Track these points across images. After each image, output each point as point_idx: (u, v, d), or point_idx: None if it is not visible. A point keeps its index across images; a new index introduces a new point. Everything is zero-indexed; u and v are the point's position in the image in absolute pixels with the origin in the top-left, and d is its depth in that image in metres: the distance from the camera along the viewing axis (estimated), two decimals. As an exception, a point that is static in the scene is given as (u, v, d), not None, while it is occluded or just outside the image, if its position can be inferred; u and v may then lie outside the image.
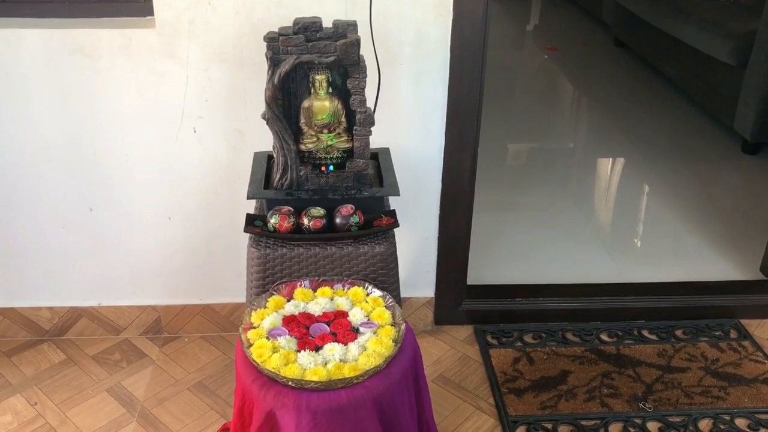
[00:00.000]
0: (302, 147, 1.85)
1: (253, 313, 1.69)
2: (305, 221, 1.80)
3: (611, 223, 3.28)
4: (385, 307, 1.69)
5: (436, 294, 2.41)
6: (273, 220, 1.81)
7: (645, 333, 2.42)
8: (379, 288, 1.75)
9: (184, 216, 2.24)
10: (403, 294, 2.20)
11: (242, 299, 2.36)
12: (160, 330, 2.42)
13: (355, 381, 1.50)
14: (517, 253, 2.88)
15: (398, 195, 1.82)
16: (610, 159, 3.94)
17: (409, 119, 2.13)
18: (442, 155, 2.18)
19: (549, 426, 2.03)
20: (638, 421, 2.04)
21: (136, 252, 2.29)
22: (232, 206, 2.20)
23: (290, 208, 1.82)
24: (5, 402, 2.14)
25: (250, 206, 2.00)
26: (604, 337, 2.40)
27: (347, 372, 1.50)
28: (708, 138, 4.05)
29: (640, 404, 2.10)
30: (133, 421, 2.07)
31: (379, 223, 1.82)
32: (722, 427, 2.03)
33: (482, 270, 2.60)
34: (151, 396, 2.17)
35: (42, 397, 2.16)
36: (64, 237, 2.25)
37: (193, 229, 2.26)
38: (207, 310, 2.40)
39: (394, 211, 1.86)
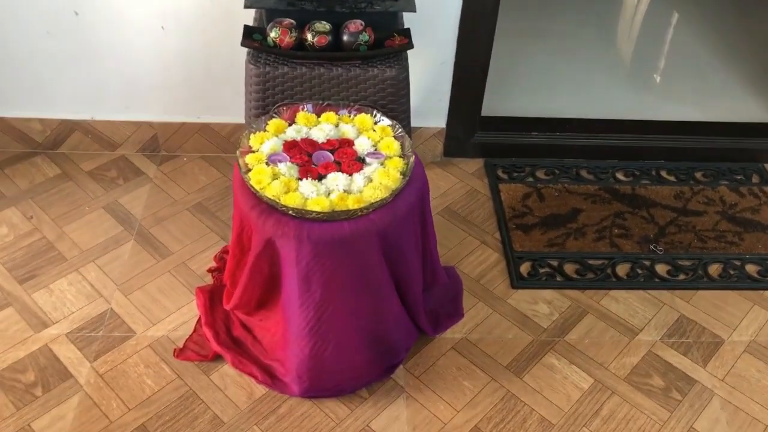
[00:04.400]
0: (308, -50, 1.63)
1: (252, 136, 1.57)
2: (309, 37, 1.63)
3: (636, 55, 3.05)
4: (394, 137, 1.58)
5: (447, 124, 2.27)
6: (273, 34, 1.63)
7: (663, 174, 2.31)
8: (388, 116, 1.62)
9: (179, 25, 2.05)
10: (413, 123, 2.07)
11: (242, 119, 2.23)
12: (157, 148, 2.32)
13: (359, 213, 1.42)
14: (536, 84, 2.70)
15: (414, 11, 1.63)
16: (643, -17, 3.62)
17: (430, -77, 1.87)
18: (465, -32, 1.94)
19: (555, 263, 1.99)
20: (647, 262, 2.00)
21: (128, 63, 2.13)
22: (229, 15, 2.00)
23: (292, 20, 1.64)
24: (0, 214, 2.09)
25: (249, 16, 1.81)
26: (620, 176, 2.30)
27: (351, 204, 1.42)
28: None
29: (651, 246, 2.05)
30: (131, 239, 2.03)
31: (391, 43, 1.65)
32: (732, 272, 1.99)
33: (497, 101, 2.44)
34: (150, 215, 2.11)
35: (37, 211, 2.10)
36: (48, 44, 2.08)
37: (189, 41, 2.08)
38: (206, 130, 2.28)
39: (408, 30, 1.67)
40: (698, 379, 1.74)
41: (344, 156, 1.52)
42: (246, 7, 1.63)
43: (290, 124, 1.61)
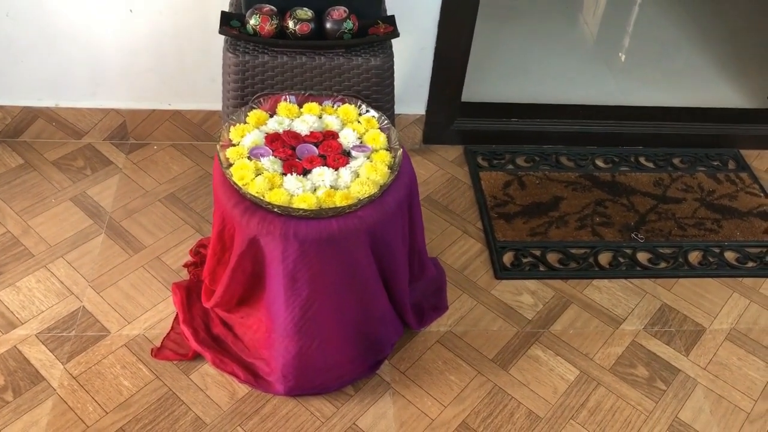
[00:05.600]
0: (288, -68, 1.56)
1: (232, 128, 1.51)
2: (290, 24, 1.56)
3: (615, 39, 3.03)
4: (380, 129, 1.53)
5: (427, 111, 2.22)
6: (253, 21, 1.56)
7: (642, 160, 2.31)
8: (372, 106, 1.57)
9: (148, 8, 1.95)
10: (393, 109, 2.02)
11: (215, 106, 2.16)
12: (125, 136, 2.23)
13: (347, 210, 1.37)
14: (515, 68, 2.67)
15: (400, -3, 1.57)
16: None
17: None
18: (447, -49, 1.89)
19: (537, 253, 1.98)
20: (628, 251, 2.00)
21: (94, 47, 2.03)
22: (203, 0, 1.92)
23: (273, 7, 1.57)
24: (-40, 207, 1.99)
25: (225, 1, 1.73)
26: (599, 162, 2.29)
27: (339, 200, 1.37)
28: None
29: (632, 234, 2.04)
30: (101, 233, 1.95)
31: (375, 30, 1.59)
32: (711, 259, 2.00)
33: (477, 86, 2.41)
34: (120, 207, 2.03)
35: (0, 204, 2.00)
36: (9, 27, 1.97)
37: (159, 25, 1.99)
38: (177, 117, 2.20)
39: (392, 17, 1.62)
40: (681, 368, 1.75)
41: (329, 149, 1.47)
42: (223, -8, 1.56)
43: (271, 116, 1.55)
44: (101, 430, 1.53)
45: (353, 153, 1.47)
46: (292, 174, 1.41)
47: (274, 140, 1.48)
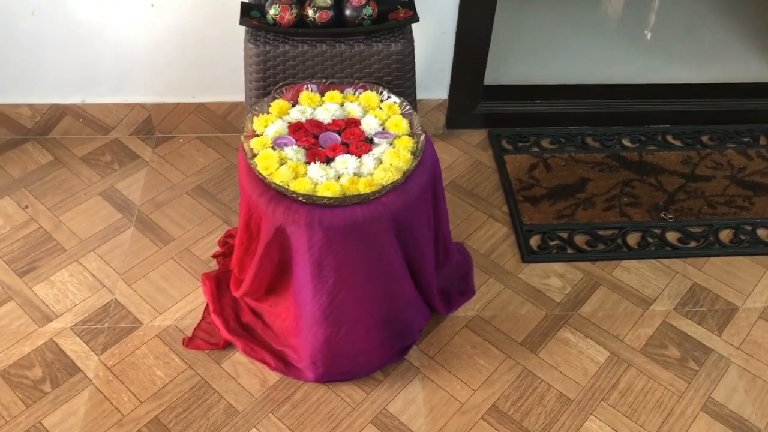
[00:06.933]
0: None
1: (255, 119, 1.52)
2: (310, 13, 1.56)
3: (640, 15, 2.98)
4: (402, 114, 1.52)
5: (449, 95, 2.21)
6: (272, 11, 1.57)
7: (669, 139, 2.27)
8: (393, 93, 1.57)
9: (169, 1, 1.97)
10: (416, 95, 2.01)
11: (239, 98, 2.17)
12: (151, 130, 2.26)
13: (371, 197, 1.37)
14: (538, 49, 2.63)
15: (418, -18, 1.56)
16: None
17: None
18: (465, -67, 1.87)
19: (565, 235, 1.96)
20: (657, 231, 1.97)
21: (118, 43, 2.05)
22: (223, -8, 1.93)
23: (292, -4, 1.57)
24: (-6, 205, 2.03)
25: (245, -7, 1.74)
26: (626, 142, 2.26)
27: (362, 187, 1.37)
28: None
29: (661, 214, 2.01)
30: (131, 226, 1.98)
31: (395, 16, 1.59)
32: (743, 237, 1.97)
33: (500, 69, 2.38)
34: (148, 200, 2.06)
35: (32, 200, 2.04)
36: (34, 25, 2.00)
37: (180, 18, 2.00)
38: (201, 109, 2.22)
39: (412, 1, 1.61)
40: (714, 348, 1.73)
41: (352, 137, 1.47)
42: (242, -17, 1.56)
43: (294, 105, 1.55)
44: (137, 419, 1.57)
45: (376, 140, 1.47)
46: (315, 162, 1.41)
47: (297, 129, 1.49)
